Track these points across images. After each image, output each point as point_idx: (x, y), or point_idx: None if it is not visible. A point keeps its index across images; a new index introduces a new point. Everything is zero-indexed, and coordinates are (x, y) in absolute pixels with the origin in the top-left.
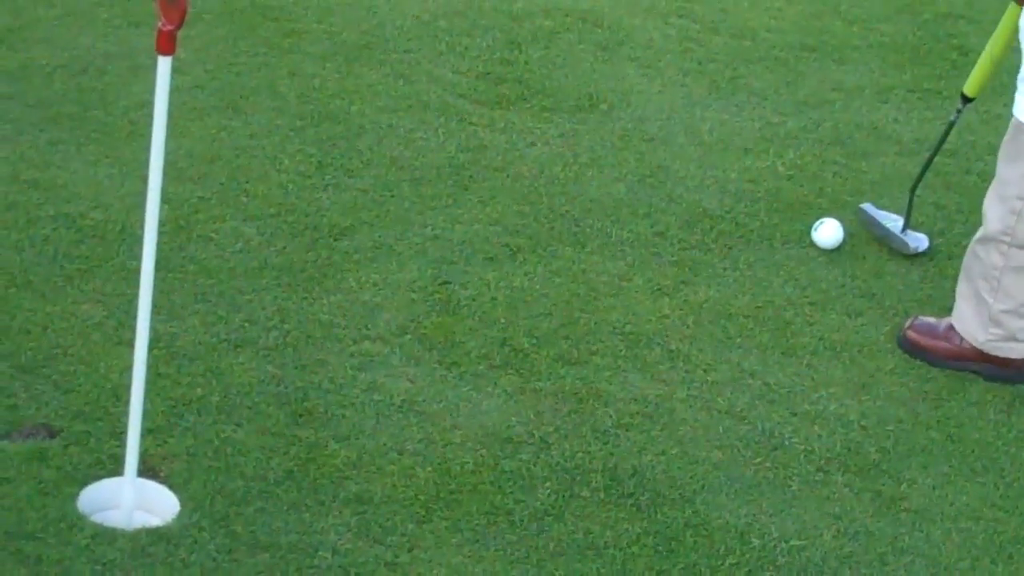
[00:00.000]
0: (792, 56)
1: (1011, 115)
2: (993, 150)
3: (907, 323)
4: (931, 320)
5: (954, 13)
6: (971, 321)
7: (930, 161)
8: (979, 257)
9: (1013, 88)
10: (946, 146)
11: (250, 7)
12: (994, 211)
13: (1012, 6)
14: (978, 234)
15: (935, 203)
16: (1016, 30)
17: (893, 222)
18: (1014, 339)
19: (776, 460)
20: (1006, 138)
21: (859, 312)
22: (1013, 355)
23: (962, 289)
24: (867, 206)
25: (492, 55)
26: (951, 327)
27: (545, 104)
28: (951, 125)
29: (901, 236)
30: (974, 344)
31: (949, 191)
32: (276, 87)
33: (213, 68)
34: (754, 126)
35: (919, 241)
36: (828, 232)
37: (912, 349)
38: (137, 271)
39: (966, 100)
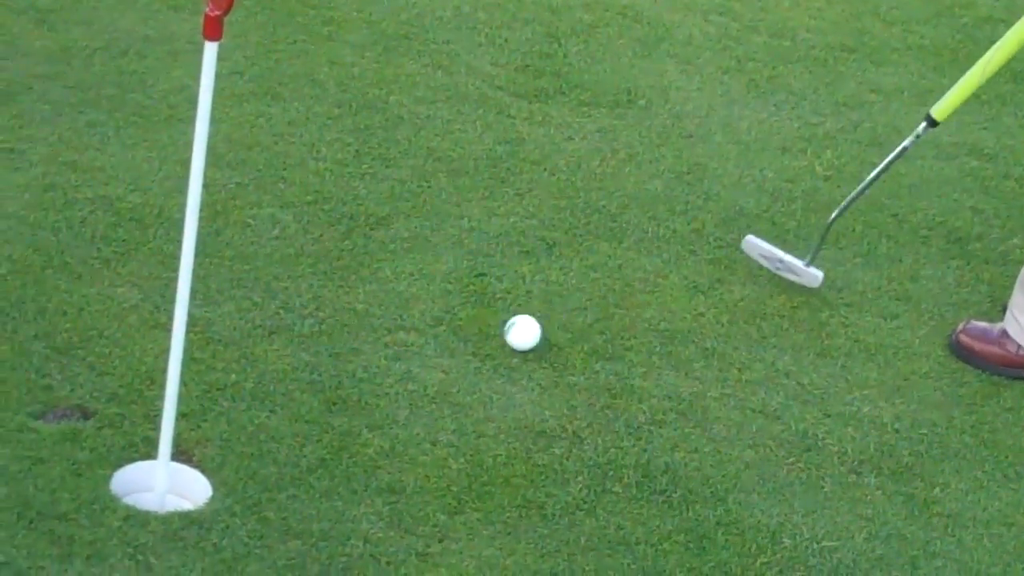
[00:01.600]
0: (831, 57)
1: None
2: None
3: (959, 327)
4: (984, 324)
5: (994, 17)
6: None
7: (862, 191)
8: None
9: None
10: (985, 150)
11: None
12: None
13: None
14: None
15: (972, 207)
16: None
17: (791, 256)
18: None
19: (809, 461)
20: None
21: (895, 315)
22: None
23: (1018, 300)
24: (752, 237)
25: (531, 48)
26: (1004, 333)
27: (583, 98)
28: (904, 151)
29: (807, 269)
30: None
31: (987, 195)
32: (315, 75)
33: (252, 54)
34: (792, 126)
35: (818, 278)
36: (522, 333)
37: (964, 353)
38: (173, 255)
39: (932, 124)
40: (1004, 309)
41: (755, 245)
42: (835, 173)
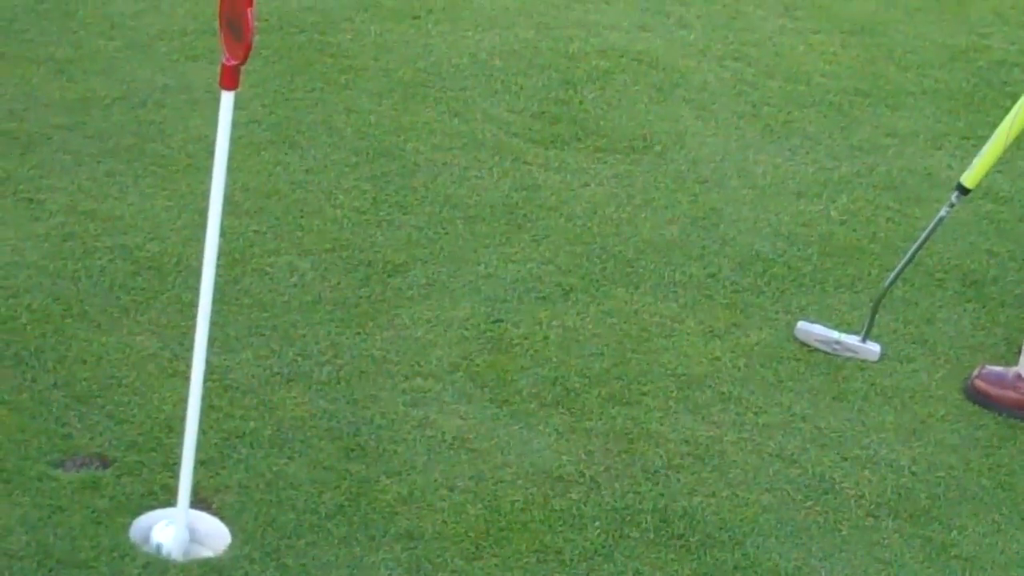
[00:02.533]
0: (846, 101)
1: None
2: None
3: (975, 372)
4: (999, 369)
5: (1009, 61)
6: None
7: (906, 264)
8: None
9: None
10: (1000, 193)
11: (307, 43)
12: None
13: None
14: None
15: (988, 250)
16: None
17: (846, 335)
18: None
19: (826, 504)
20: None
21: (911, 358)
22: None
23: None
24: (804, 324)
25: (547, 95)
26: (1019, 376)
27: (599, 144)
28: (941, 220)
29: (864, 345)
30: None
31: (1002, 238)
32: (332, 123)
33: (270, 103)
34: (807, 170)
35: (875, 352)
36: None
37: (980, 398)
38: (192, 303)
39: (963, 192)
40: (1020, 352)
41: (808, 332)
42: (850, 217)
